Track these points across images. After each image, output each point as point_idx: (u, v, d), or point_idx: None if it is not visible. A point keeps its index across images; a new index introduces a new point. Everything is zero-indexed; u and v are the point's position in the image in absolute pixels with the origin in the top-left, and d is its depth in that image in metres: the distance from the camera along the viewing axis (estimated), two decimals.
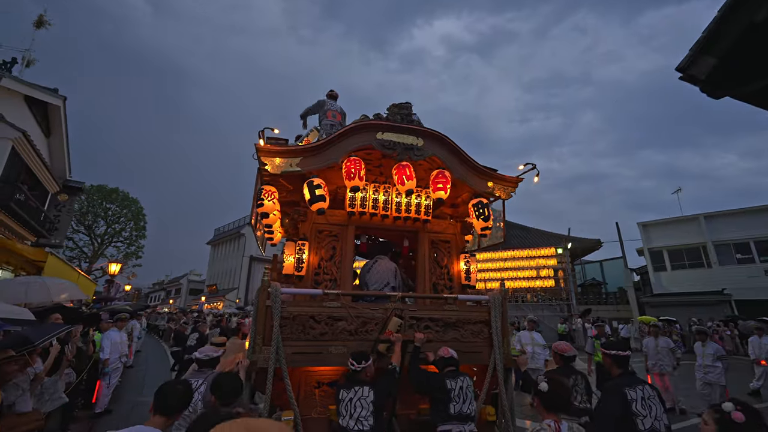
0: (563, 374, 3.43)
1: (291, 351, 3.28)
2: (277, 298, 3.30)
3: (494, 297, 3.93)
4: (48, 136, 14.35)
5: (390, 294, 3.74)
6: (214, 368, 3.38)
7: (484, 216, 4.13)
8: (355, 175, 3.71)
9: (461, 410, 2.98)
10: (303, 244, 3.86)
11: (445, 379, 3.09)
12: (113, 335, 7.00)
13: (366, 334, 3.54)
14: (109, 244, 21.87)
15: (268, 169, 3.56)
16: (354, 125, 3.85)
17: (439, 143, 4.08)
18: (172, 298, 47.47)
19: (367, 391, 2.89)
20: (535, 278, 21.97)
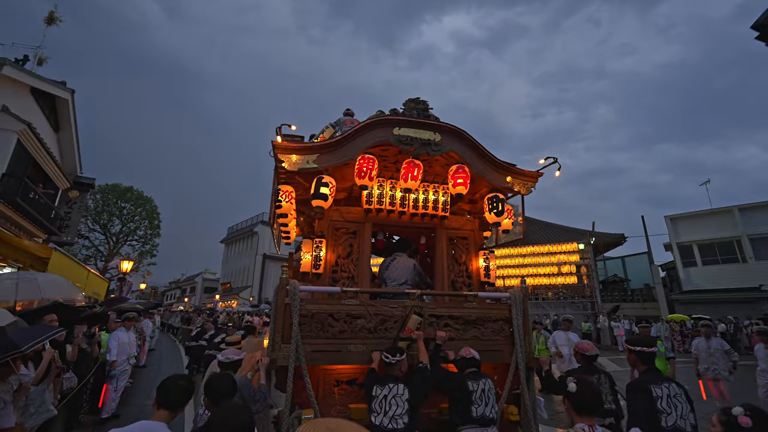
0: (587, 374, 3.34)
1: (310, 349, 3.26)
2: (296, 296, 3.28)
3: (515, 294, 3.85)
4: (57, 131, 14.00)
5: (409, 291, 3.69)
6: (236, 371, 3.36)
7: (497, 210, 4.04)
8: (366, 174, 3.66)
9: (483, 413, 2.91)
10: (320, 242, 3.84)
11: (466, 380, 3.02)
12: (121, 335, 6.62)
13: (385, 332, 3.50)
14: (124, 242, 22.13)
15: (285, 166, 3.55)
16: (370, 121, 3.80)
17: (457, 138, 4.01)
18: (187, 297, 48.09)
19: (401, 388, 2.85)
20: (556, 275, 21.09)
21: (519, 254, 21.96)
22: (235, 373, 3.35)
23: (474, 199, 4.51)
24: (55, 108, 13.56)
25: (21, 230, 11.11)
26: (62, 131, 14.23)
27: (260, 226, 37.34)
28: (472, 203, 4.57)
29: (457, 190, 3.84)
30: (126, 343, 6.66)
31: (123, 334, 6.69)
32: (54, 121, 13.73)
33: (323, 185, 3.66)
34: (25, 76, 11.33)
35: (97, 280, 10.97)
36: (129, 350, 6.76)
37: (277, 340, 3.25)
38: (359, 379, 3.61)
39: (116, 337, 6.48)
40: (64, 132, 14.25)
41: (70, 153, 14.71)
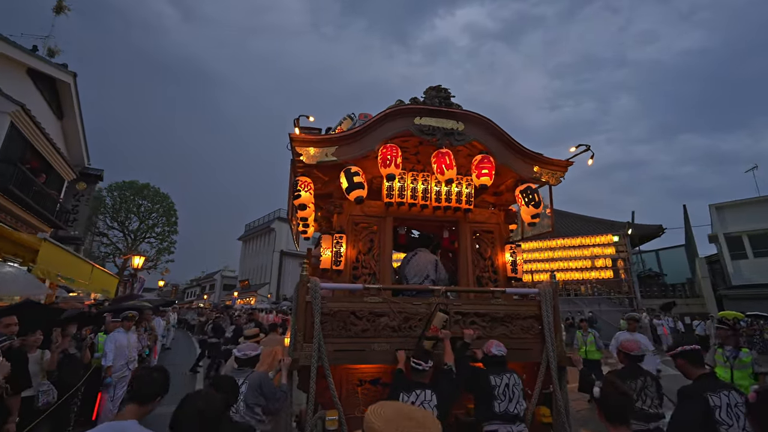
0: (629, 375, 3.15)
1: (333, 348, 3.16)
2: (317, 294, 3.18)
3: (544, 289, 3.66)
4: (60, 118, 12.99)
5: (433, 288, 3.54)
6: (253, 367, 3.30)
7: (535, 202, 3.84)
8: (391, 162, 3.51)
9: (507, 409, 2.78)
10: (340, 237, 3.71)
11: (488, 375, 2.89)
12: (119, 337, 5.85)
13: (409, 331, 3.37)
14: (142, 240, 21.97)
15: (303, 159, 3.43)
16: (390, 110, 3.64)
17: (481, 127, 3.82)
18: (206, 294, 48.70)
19: (429, 394, 2.71)
20: (589, 269, 19.25)
21: (548, 247, 20.23)
22: (253, 368, 3.28)
23: (499, 191, 4.31)
24: (57, 93, 12.52)
25: (21, 223, 10.21)
26: (66, 119, 13.16)
27: (277, 222, 37.18)
28: (497, 195, 4.36)
29: (481, 181, 3.66)
30: (125, 346, 5.92)
31: (121, 335, 5.94)
32: (57, 107, 12.66)
33: (354, 174, 3.53)
34: (17, 52, 10.25)
35: (104, 277, 9.81)
36: (128, 354, 5.97)
37: (298, 340, 3.15)
38: (383, 379, 3.49)
39: (113, 339, 5.76)
40: (68, 120, 13.20)
41: (75, 143, 13.77)
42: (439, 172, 3.62)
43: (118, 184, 21.23)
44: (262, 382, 3.03)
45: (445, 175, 3.61)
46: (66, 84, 12.32)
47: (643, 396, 3.09)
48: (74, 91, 12.70)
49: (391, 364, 3.22)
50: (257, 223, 42.93)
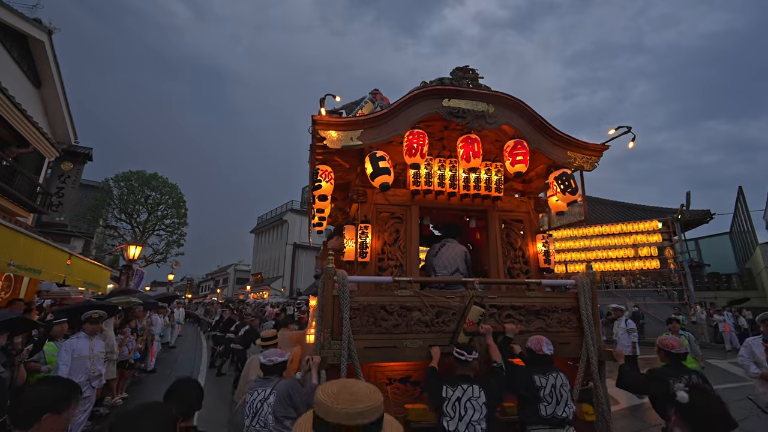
0: (673, 374, 2.94)
1: (362, 345, 2.94)
2: (345, 288, 2.96)
3: (582, 280, 3.47)
4: (38, 86, 11.21)
5: (467, 280, 3.33)
6: (281, 374, 3.06)
7: (571, 189, 3.62)
8: (417, 150, 3.28)
9: (555, 412, 2.56)
10: (366, 227, 3.49)
11: (532, 374, 2.67)
12: (79, 346, 4.53)
13: (443, 326, 3.16)
14: (152, 232, 20.98)
15: (327, 143, 3.19)
16: (417, 91, 3.40)
17: (513, 109, 3.60)
18: (219, 288, 48.21)
19: (477, 390, 2.49)
20: (632, 258, 17.11)
21: (584, 235, 18.26)
22: (281, 376, 3.05)
23: (528, 178, 4.10)
24: (32, 56, 10.65)
25: None
26: (45, 88, 11.31)
27: (290, 214, 36.04)
28: (525, 183, 4.15)
29: (516, 168, 3.43)
30: (86, 357, 4.54)
31: (82, 342, 4.62)
32: (33, 74, 10.83)
33: (380, 159, 3.29)
34: None
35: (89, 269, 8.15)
36: (90, 367, 4.59)
37: (326, 337, 2.94)
38: (413, 377, 3.29)
39: (70, 348, 4.45)
40: (47, 89, 11.36)
41: (58, 116, 11.87)
42: (465, 159, 3.40)
43: (125, 174, 20.31)
44: (291, 390, 2.77)
45: (470, 162, 3.40)
46: (40, 43, 10.25)
47: None
48: (51, 53, 10.63)
49: (423, 361, 3.02)
50: (270, 215, 41.82)
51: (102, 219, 19.28)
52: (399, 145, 3.54)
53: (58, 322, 4.89)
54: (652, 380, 3.04)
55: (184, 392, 1.99)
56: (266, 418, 2.71)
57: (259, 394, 2.84)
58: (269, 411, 2.72)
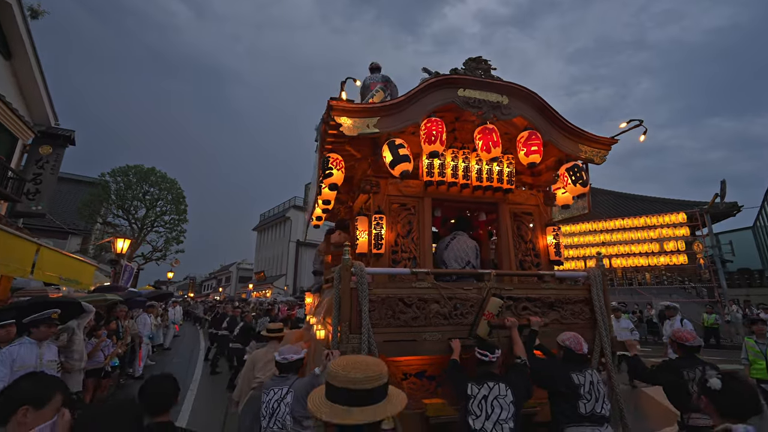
0: (687, 365, 3.00)
1: (381, 339, 2.85)
2: (364, 279, 2.86)
3: (594, 272, 3.50)
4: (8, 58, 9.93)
5: (483, 272, 3.29)
6: (297, 372, 2.91)
7: (582, 181, 3.64)
8: (436, 138, 3.21)
9: (594, 410, 2.52)
10: (380, 218, 3.38)
11: (570, 372, 2.62)
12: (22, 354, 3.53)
13: (461, 318, 3.10)
14: (150, 228, 19.89)
15: (343, 130, 3.08)
16: (433, 80, 3.34)
17: (526, 100, 3.60)
18: (222, 287, 47.32)
19: (504, 388, 2.41)
20: (657, 253, 15.83)
21: (603, 229, 16.94)
22: (297, 374, 2.89)
23: (537, 171, 4.10)
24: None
25: None
26: (17, 60, 10.00)
27: (292, 210, 35.19)
28: (535, 176, 4.15)
29: (531, 158, 3.42)
30: (31, 367, 3.49)
31: (27, 350, 3.61)
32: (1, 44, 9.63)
33: (399, 147, 3.21)
34: None
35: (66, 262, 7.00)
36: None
37: (344, 331, 2.82)
38: (429, 371, 3.22)
39: (8, 356, 3.46)
40: (19, 62, 10.04)
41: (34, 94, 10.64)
42: (485, 150, 3.35)
43: (122, 169, 19.17)
44: (310, 389, 2.63)
45: (491, 153, 3.35)
46: (6, 6, 8.99)
47: None
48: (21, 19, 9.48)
49: (439, 355, 2.96)
50: (272, 212, 40.81)
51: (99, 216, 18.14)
52: (411, 135, 3.48)
53: (3, 325, 3.68)
54: (667, 371, 3.10)
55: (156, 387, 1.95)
56: (284, 418, 2.56)
57: (275, 394, 2.69)
58: (287, 411, 2.58)
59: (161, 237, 20.43)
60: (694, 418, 2.84)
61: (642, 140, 3.74)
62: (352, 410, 1.24)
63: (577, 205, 4.19)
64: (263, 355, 3.80)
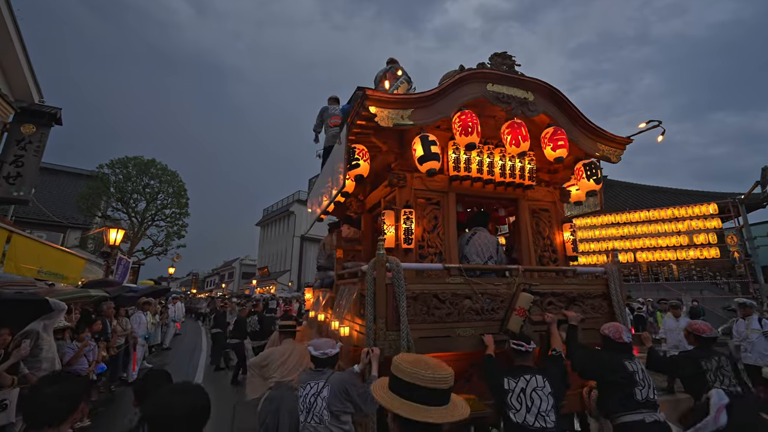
0: (704, 355, 3.14)
1: (417, 336, 2.80)
2: (400, 275, 2.79)
3: (611, 268, 3.61)
4: None
5: (510, 267, 3.30)
6: (333, 366, 2.80)
7: (596, 177, 3.73)
8: (473, 129, 3.18)
9: (648, 396, 2.58)
10: (410, 212, 3.31)
11: (623, 360, 2.67)
12: None
13: (492, 313, 3.10)
14: (151, 222, 18.90)
15: (378, 120, 2.99)
16: (464, 74, 3.31)
17: (550, 98, 3.64)
18: (225, 283, 46.05)
19: (541, 380, 2.42)
20: (686, 246, 14.91)
21: (628, 221, 16.17)
22: (333, 368, 2.79)
23: (554, 168, 4.15)
24: None
25: None
26: None
27: (296, 205, 33.93)
28: (551, 173, 4.21)
29: (558, 153, 3.45)
30: None
31: None
32: None
33: (431, 143, 3.14)
34: None
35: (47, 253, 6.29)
36: None
37: (380, 327, 2.75)
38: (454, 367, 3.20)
39: None
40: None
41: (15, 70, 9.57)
42: (514, 144, 3.36)
43: (121, 160, 18.03)
44: (347, 384, 2.55)
45: (520, 147, 3.37)
46: None
47: (720, 376, 3.04)
48: None
49: (465, 351, 2.95)
50: (275, 207, 39.60)
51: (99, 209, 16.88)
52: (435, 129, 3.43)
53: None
54: (685, 361, 3.23)
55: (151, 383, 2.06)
56: (321, 413, 2.47)
57: (311, 388, 2.59)
58: (324, 406, 2.48)
59: (162, 231, 19.54)
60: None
61: (660, 140, 3.86)
62: (431, 409, 1.28)
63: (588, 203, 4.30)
64: (278, 355, 3.67)
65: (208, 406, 1.41)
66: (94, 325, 5.53)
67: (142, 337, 8.03)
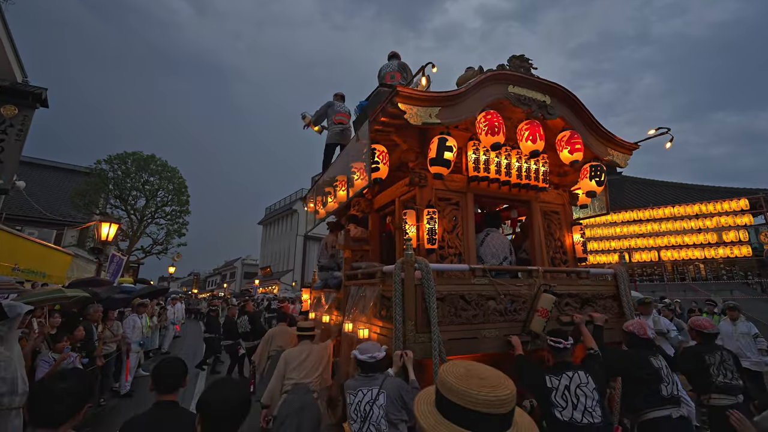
0: (707, 350, 3.24)
1: (446, 338, 2.76)
2: (429, 276, 2.74)
3: (620, 269, 3.72)
4: None
5: (532, 268, 3.33)
6: (383, 371, 2.66)
7: (599, 179, 3.81)
8: (499, 129, 3.18)
9: (672, 392, 2.66)
10: (434, 212, 3.27)
11: (648, 357, 2.73)
12: None
13: (515, 314, 3.12)
14: (150, 220, 18.02)
15: (407, 118, 2.93)
16: (489, 74, 3.31)
17: (566, 102, 3.70)
18: (227, 283, 44.37)
19: (584, 376, 2.41)
20: (714, 244, 14.06)
21: (650, 218, 15.35)
22: (383, 373, 2.67)
23: (564, 172, 4.23)
24: None
25: None
26: None
27: (300, 203, 32.71)
28: (561, 176, 4.29)
29: (575, 156, 3.52)
30: None
31: None
32: None
33: (447, 149, 3.12)
34: None
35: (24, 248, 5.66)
36: None
37: (410, 329, 2.69)
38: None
39: None
40: None
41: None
42: (531, 141, 3.35)
43: (119, 155, 16.99)
44: (402, 391, 2.44)
45: (536, 144, 3.37)
46: None
47: (723, 370, 3.15)
48: None
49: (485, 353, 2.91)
50: (278, 205, 38.40)
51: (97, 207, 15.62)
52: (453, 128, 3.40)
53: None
54: (688, 357, 3.35)
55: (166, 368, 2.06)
56: (379, 422, 2.35)
57: (364, 395, 2.46)
58: (381, 414, 2.37)
59: (162, 229, 18.66)
60: (714, 398, 3.07)
61: (668, 147, 4.00)
62: None
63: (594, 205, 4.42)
64: (296, 355, 3.54)
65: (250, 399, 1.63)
66: (77, 331, 4.74)
67: (137, 344, 7.02)
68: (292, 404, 3.18)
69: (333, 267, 5.02)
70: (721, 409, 2.96)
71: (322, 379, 3.52)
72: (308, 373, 3.38)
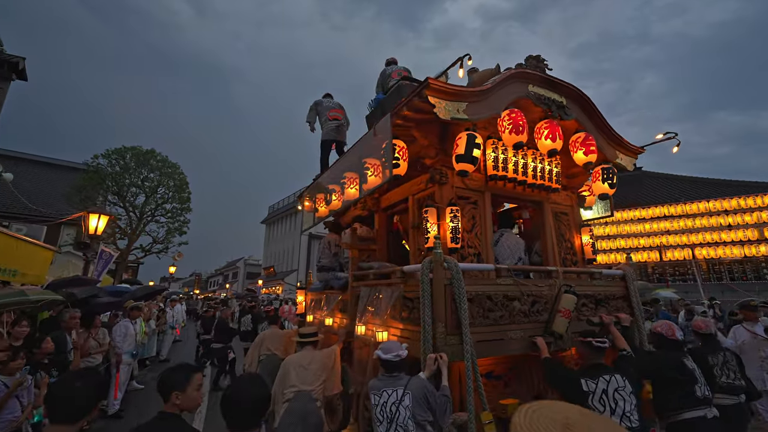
0: (710, 351, 3.32)
1: (475, 339, 2.66)
2: (459, 276, 2.65)
3: (628, 270, 3.78)
4: None
5: (551, 269, 3.31)
6: (407, 370, 2.55)
7: (611, 182, 3.84)
8: (523, 129, 3.14)
9: (705, 392, 2.67)
10: (457, 210, 3.18)
11: (682, 359, 2.73)
12: None
13: (537, 315, 3.09)
14: (151, 218, 17.09)
15: (436, 111, 2.83)
16: (513, 71, 3.29)
17: (579, 103, 3.74)
18: (229, 283, 42.97)
19: (621, 380, 2.37)
20: (756, 242, 13.17)
21: (683, 213, 14.46)
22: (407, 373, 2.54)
23: (573, 173, 4.26)
24: None
25: None
26: None
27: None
28: (569, 178, 4.31)
29: (588, 158, 3.53)
30: None
31: None
32: None
33: (476, 146, 3.02)
34: None
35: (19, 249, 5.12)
36: None
37: (440, 331, 2.58)
38: (495, 371, 3.12)
39: None
40: None
41: None
42: (551, 140, 3.33)
43: (117, 150, 15.87)
44: (427, 393, 2.34)
45: (555, 143, 3.35)
46: None
47: (726, 370, 3.23)
48: None
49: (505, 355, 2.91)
50: (281, 204, 37.26)
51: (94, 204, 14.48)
52: None
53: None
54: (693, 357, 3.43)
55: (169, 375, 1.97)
56: (406, 423, 2.25)
57: (389, 396, 2.36)
58: (408, 415, 2.27)
59: (162, 227, 17.71)
60: (718, 398, 3.09)
61: (675, 152, 4.11)
62: None
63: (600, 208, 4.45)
64: (298, 360, 3.37)
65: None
66: (44, 344, 3.79)
67: (128, 354, 6.01)
68: (294, 413, 3.02)
69: (335, 267, 4.84)
70: (722, 408, 2.99)
71: (325, 386, 3.36)
72: (312, 380, 3.23)
